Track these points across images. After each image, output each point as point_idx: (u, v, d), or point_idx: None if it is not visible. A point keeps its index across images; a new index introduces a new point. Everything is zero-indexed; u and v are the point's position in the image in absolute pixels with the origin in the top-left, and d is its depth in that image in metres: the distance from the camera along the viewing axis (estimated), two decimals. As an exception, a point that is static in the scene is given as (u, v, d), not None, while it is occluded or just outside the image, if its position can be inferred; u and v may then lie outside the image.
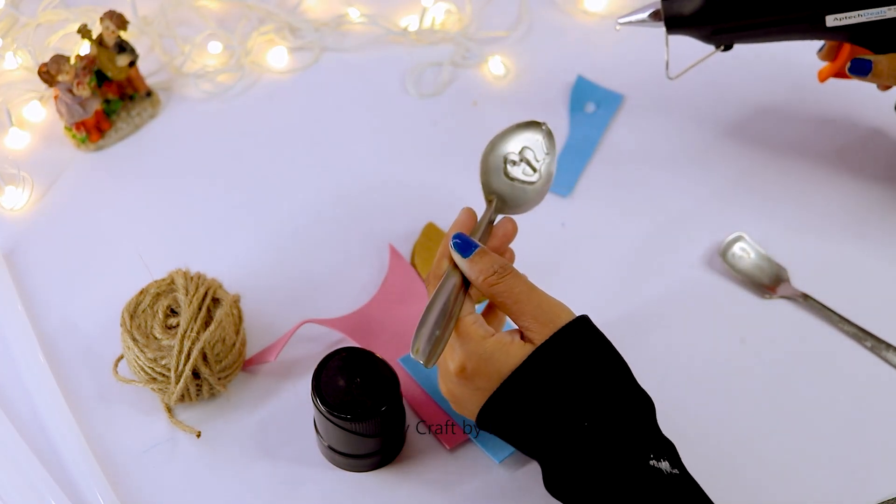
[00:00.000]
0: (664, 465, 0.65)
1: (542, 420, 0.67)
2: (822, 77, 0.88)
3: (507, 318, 0.76)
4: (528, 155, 0.76)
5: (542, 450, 0.68)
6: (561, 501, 0.68)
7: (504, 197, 0.75)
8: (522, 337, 0.69)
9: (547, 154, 0.76)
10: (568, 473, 0.67)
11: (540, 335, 0.68)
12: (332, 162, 0.95)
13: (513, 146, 0.76)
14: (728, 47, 0.85)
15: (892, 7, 0.80)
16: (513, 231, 0.75)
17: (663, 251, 0.89)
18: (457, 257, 0.71)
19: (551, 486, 0.68)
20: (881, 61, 0.81)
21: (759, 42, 0.85)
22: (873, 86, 0.86)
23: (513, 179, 0.75)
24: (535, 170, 0.76)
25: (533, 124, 0.76)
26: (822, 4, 0.81)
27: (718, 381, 0.82)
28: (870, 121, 0.96)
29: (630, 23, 0.86)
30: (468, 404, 0.71)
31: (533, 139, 0.76)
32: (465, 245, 0.71)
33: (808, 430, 0.79)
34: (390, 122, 0.98)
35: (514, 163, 0.76)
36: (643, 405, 0.68)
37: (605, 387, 0.67)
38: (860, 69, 0.82)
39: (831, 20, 0.82)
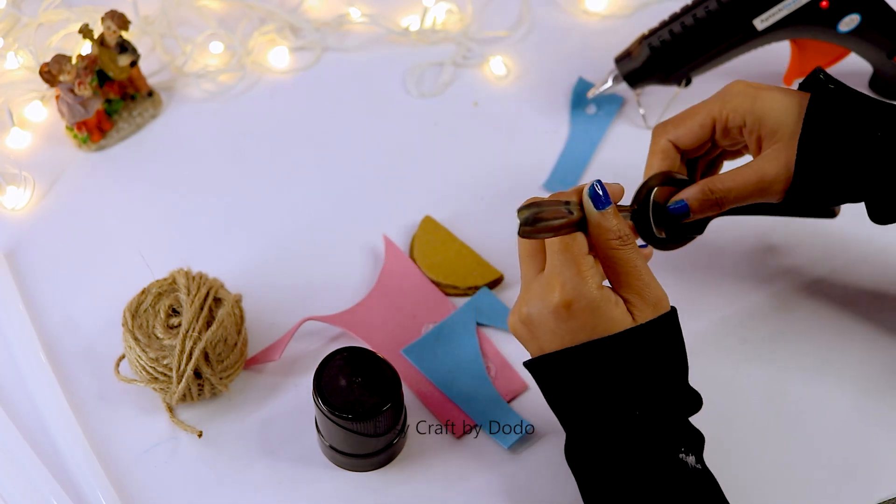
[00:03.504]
0: (691, 460, 0.66)
1: (600, 392, 0.67)
2: (788, 80, 0.95)
3: None
4: None
5: (582, 420, 0.68)
6: (574, 471, 0.69)
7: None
8: (627, 305, 0.69)
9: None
10: (596, 450, 0.67)
11: (642, 314, 0.68)
12: (333, 161, 0.95)
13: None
14: (688, 82, 0.93)
15: None
16: (648, 255, 0.76)
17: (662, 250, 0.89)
18: (588, 205, 0.68)
19: (571, 454, 0.69)
20: (693, 197, 0.76)
21: (712, 68, 0.93)
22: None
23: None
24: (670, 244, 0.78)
25: None
26: (745, 12, 0.88)
27: (718, 381, 0.82)
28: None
29: (600, 93, 0.95)
30: (546, 338, 0.69)
31: None
32: (603, 195, 0.68)
33: (808, 429, 0.79)
34: (391, 122, 0.98)
35: None
36: (691, 404, 0.69)
37: (667, 382, 0.68)
38: (678, 212, 0.77)
39: (759, 24, 0.89)
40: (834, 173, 0.73)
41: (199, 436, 0.79)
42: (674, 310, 0.69)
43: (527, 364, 0.71)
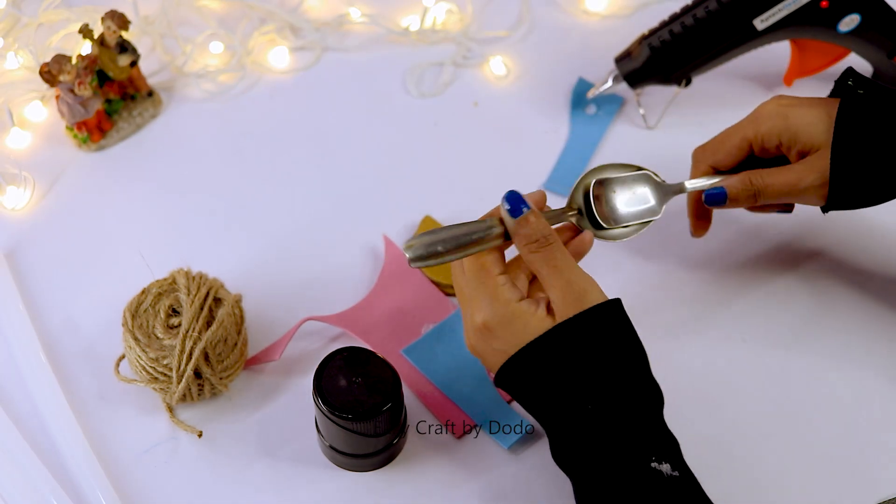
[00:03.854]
0: (665, 468, 0.65)
1: (551, 394, 0.67)
2: (788, 80, 0.95)
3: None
4: (625, 201, 0.77)
5: (550, 422, 0.69)
6: (565, 471, 0.69)
7: (583, 216, 0.76)
8: (548, 309, 0.69)
9: (642, 222, 0.77)
10: (572, 450, 0.67)
11: (561, 311, 0.68)
12: (333, 161, 0.95)
13: (623, 185, 0.77)
14: (688, 82, 0.93)
15: None
16: (588, 245, 0.75)
17: (662, 250, 0.89)
18: (504, 214, 0.70)
19: (557, 456, 0.69)
20: (733, 185, 0.79)
21: (712, 68, 0.93)
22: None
23: (603, 208, 0.76)
24: (625, 226, 0.77)
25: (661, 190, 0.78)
26: (746, 12, 0.88)
27: (718, 381, 0.82)
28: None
29: (600, 93, 0.95)
30: (487, 359, 0.71)
31: (641, 193, 0.78)
32: (515, 202, 0.70)
33: (809, 429, 0.79)
34: (391, 122, 0.98)
35: (612, 194, 0.77)
36: (653, 398, 0.68)
37: (616, 374, 0.67)
38: (715, 199, 0.79)
39: (759, 24, 0.89)
40: (869, 177, 0.75)
41: (199, 436, 0.79)
42: (610, 302, 0.69)
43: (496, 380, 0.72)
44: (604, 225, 0.76)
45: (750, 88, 0.99)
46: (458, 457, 0.79)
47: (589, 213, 0.76)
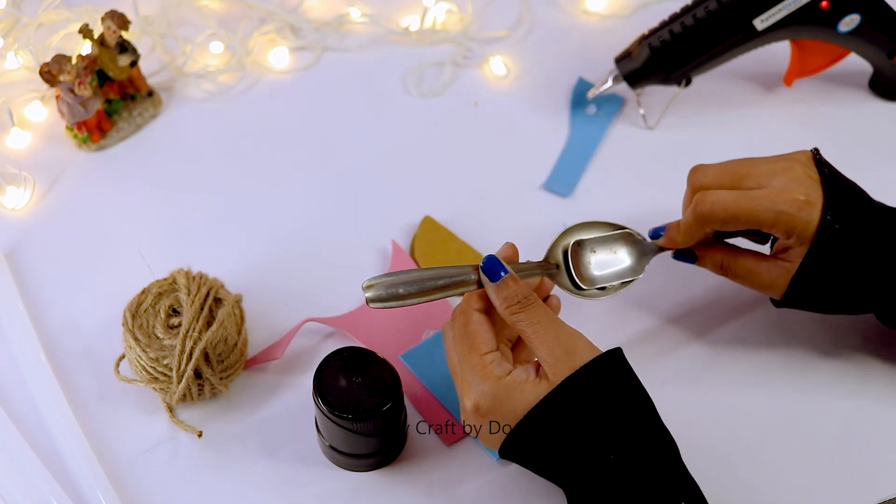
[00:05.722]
0: None
1: (564, 455, 0.67)
2: (788, 80, 0.95)
3: None
4: (603, 263, 0.77)
5: (569, 482, 0.67)
6: None
7: (562, 273, 0.76)
8: (538, 371, 0.68)
9: (622, 283, 0.77)
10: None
11: (554, 370, 0.67)
12: (333, 161, 0.95)
13: (603, 244, 0.77)
14: (688, 82, 0.93)
15: None
16: (556, 309, 0.75)
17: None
18: (484, 279, 0.71)
19: None
20: (705, 263, 0.78)
21: (713, 68, 0.93)
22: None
23: (582, 269, 0.76)
24: (603, 288, 0.76)
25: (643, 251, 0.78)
26: (746, 12, 0.88)
27: (718, 380, 0.82)
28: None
29: (600, 93, 0.95)
30: (488, 439, 0.70)
31: (621, 254, 0.77)
32: (494, 268, 0.71)
33: (809, 429, 0.79)
34: (391, 123, 0.98)
35: (592, 253, 0.77)
36: (667, 443, 0.67)
37: (626, 424, 0.66)
38: (684, 260, 0.79)
39: (759, 24, 0.89)
40: (828, 301, 0.76)
41: (199, 436, 0.79)
42: (609, 353, 0.68)
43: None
44: (582, 287, 0.76)
45: (750, 88, 0.99)
46: (459, 457, 0.79)
47: (568, 271, 0.76)
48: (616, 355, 0.68)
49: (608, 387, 0.67)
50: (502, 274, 0.70)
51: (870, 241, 0.73)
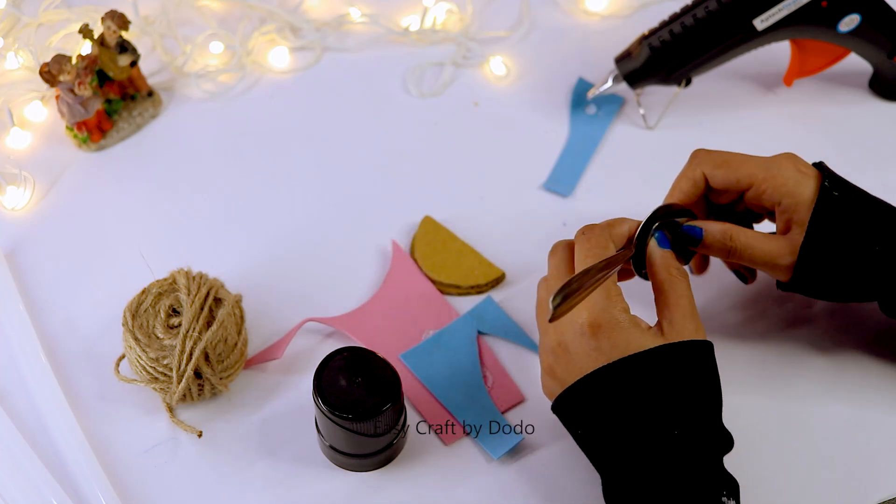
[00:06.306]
0: None
1: (634, 415, 0.68)
2: (788, 80, 0.95)
3: None
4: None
5: (618, 452, 0.68)
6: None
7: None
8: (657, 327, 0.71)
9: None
10: (645, 474, 0.67)
11: (677, 331, 0.69)
12: (333, 161, 0.95)
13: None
14: (688, 82, 0.93)
15: None
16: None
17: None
18: (653, 245, 0.74)
19: (610, 498, 0.69)
20: (711, 233, 0.77)
21: (712, 68, 0.93)
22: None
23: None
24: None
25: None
26: (746, 12, 0.88)
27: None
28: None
29: (600, 93, 0.95)
30: (577, 361, 0.70)
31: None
32: (666, 241, 0.74)
33: (808, 430, 0.79)
34: (391, 123, 0.98)
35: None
36: (724, 440, 0.70)
37: (703, 405, 0.69)
38: (689, 237, 0.78)
39: (759, 24, 0.89)
40: (833, 279, 0.76)
41: (199, 436, 0.79)
42: (709, 342, 0.71)
43: (556, 403, 0.72)
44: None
45: (750, 88, 0.99)
46: (459, 457, 0.79)
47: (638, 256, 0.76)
48: (712, 347, 0.71)
49: (703, 367, 0.70)
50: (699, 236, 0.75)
51: (870, 210, 0.75)
